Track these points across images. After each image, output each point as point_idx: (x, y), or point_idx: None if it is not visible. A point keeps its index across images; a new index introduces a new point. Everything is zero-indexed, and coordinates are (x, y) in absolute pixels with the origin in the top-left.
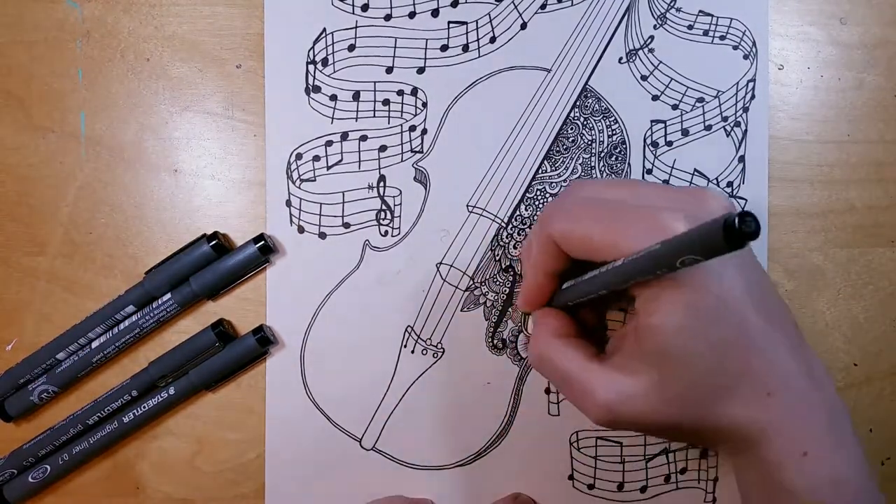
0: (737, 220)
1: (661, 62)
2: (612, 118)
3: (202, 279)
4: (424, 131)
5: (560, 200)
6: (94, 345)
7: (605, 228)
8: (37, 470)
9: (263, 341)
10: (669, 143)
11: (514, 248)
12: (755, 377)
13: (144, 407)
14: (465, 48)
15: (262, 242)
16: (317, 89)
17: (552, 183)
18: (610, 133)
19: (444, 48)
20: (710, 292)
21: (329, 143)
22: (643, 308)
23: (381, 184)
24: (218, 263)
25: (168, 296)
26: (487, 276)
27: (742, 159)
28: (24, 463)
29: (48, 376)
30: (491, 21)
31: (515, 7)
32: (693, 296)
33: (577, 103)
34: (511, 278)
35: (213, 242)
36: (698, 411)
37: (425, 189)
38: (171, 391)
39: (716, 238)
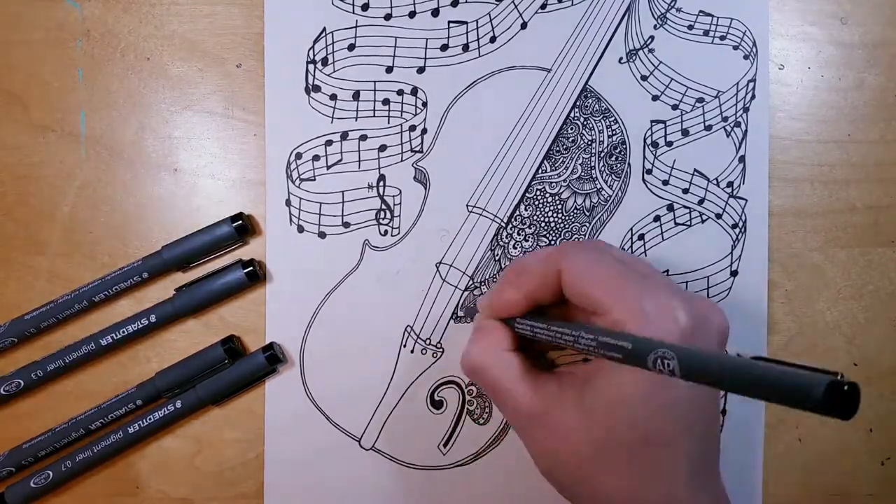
0: (846, 390)
1: (661, 62)
2: (612, 118)
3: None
4: (424, 131)
5: (584, 245)
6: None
7: (618, 293)
8: (39, 475)
9: (273, 359)
10: (669, 144)
11: (514, 248)
12: (665, 482)
13: (150, 419)
14: (466, 48)
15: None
16: (317, 89)
17: (552, 183)
18: (610, 133)
19: (445, 48)
20: (676, 386)
21: (329, 143)
22: (606, 370)
23: (381, 183)
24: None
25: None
26: (487, 276)
27: (742, 159)
28: (23, 462)
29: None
30: (491, 21)
31: (515, 7)
32: (659, 387)
33: (577, 103)
34: None
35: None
36: (595, 476)
37: (425, 189)
38: (178, 404)
39: (813, 394)
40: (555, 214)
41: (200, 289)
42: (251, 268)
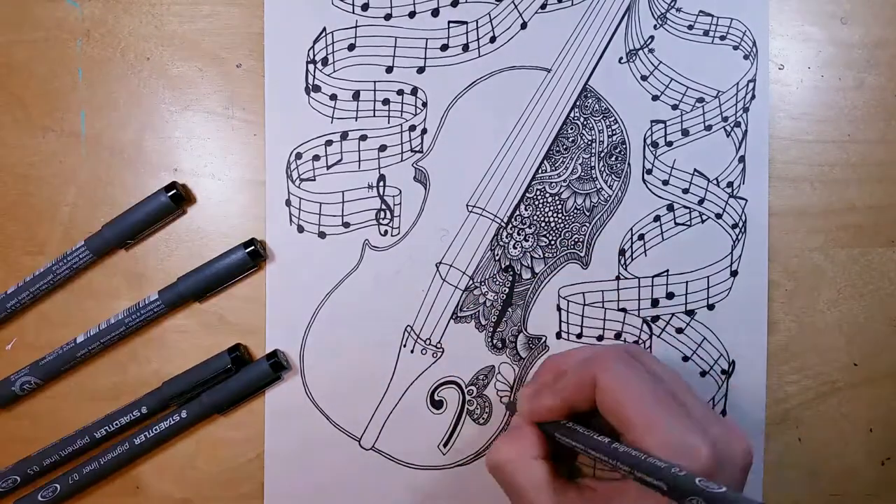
0: None
1: (661, 62)
2: (612, 118)
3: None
4: (424, 131)
5: (619, 355)
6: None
7: (649, 414)
8: (46, 489)
9: (277, 367)
10: (669, 143)
11: (514, 247)
12: None
13: (156, 429)
14: (466, 48)
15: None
16: (317, 89)
17: (552, 183)
18: (610, 133)
19: (445, 48)
20: None
21: (329, 143)
22: (633, 495)
23: (381, 183)
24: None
25: (156, 296)
26: (487, 276)
27: (742, 159)
28: (30, 471)
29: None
30: (491, 21)
31: (515, 7)
32: None
33: (577, 103)
34: (511, 278)
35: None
36: None
37: (425, 189)
38: (184, 414)
39: None
40: (555, 214)
41: (203, 271)
42: (252, 247)
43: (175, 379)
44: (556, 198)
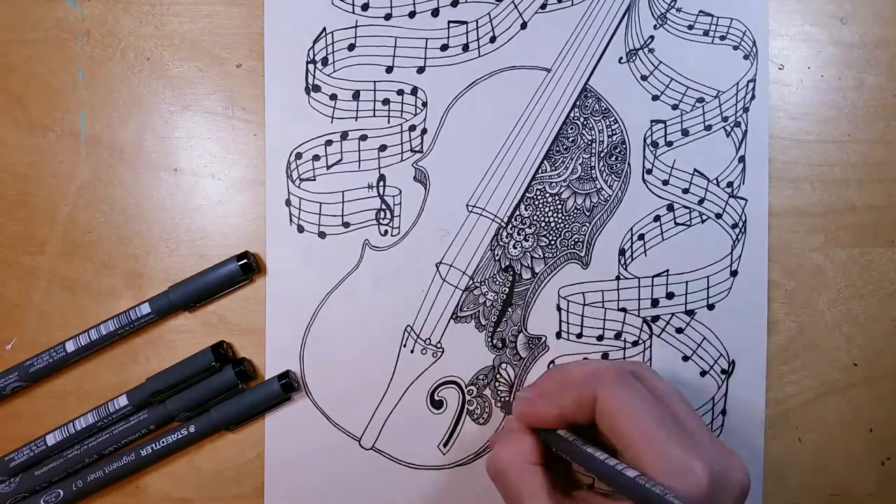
0: None
1: (661, 62)
2: (612, 118)
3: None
4: (424, 131)
5: (622, 374)
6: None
7: (647, 436)
8: (49, 493)
9: (287, 387)
10: (669, 143)
11: (514, 247)
12: None
13: (164, 442)
14: (466, 48)
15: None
16: (317, 88)
17: (552, 183)
18: (610, 133)
19: (445, 48)
20: None
21: (329, 143)
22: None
23: (381, 183)
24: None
25: (148, 308)
26: (487, 276)
27: (742, 159)
28: (36, 487)
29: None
30: (491, 21)
31: (515, 7)
32: None
33: (577, 103)
34: (511, 278)
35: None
36: None
37: (425, 189)
38: (192, 429)
39: None
40: (555, 214)
41: (195, 281)
42: (245, 260)
43: (179, 396)
44: (556, 198)
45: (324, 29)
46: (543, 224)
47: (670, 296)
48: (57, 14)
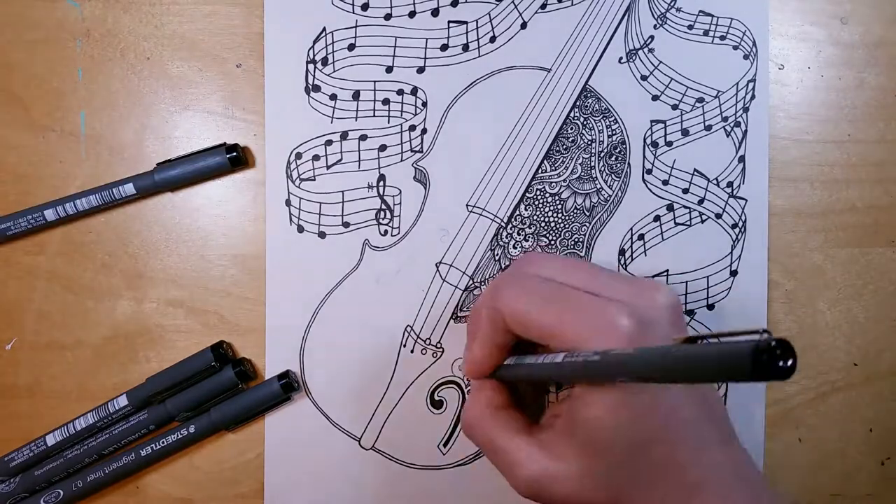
0: (771, 349)
1: (661, 62)
2: (612, 118)
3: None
4: (424, 131)
5: (512, 276)
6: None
7: (554, 317)
8: (49, 493)
9: (287, 387)
10: (669, 143)
11: (514, 247)
12: (680, 470)
13: (164, 442)
14: (465, 48)
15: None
16: (317, 88)
17: (552, 183)
18: (610, 133)
19: (444, 48)
20: (648, 388)
21: (329, 143)
22: (580, 395)
23: (381, 183)
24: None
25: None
26: (487, 276)
27: (742, 159)
28: (36, 487)
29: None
30: (491, 21)
31: (515, 7)
32: (629, 392)
33: (577, 103)
34: None
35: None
36: (621, 500)
37: (425, 189)
38: (192, 429)
39: (740, 365)
40: (555, 214)
41: (182, 165)
42: (234, 153)
43: (178, 396)
44: (556, 198)
45: (324, 29)
46: (543, 224)
47: None
48: (57, 14)
